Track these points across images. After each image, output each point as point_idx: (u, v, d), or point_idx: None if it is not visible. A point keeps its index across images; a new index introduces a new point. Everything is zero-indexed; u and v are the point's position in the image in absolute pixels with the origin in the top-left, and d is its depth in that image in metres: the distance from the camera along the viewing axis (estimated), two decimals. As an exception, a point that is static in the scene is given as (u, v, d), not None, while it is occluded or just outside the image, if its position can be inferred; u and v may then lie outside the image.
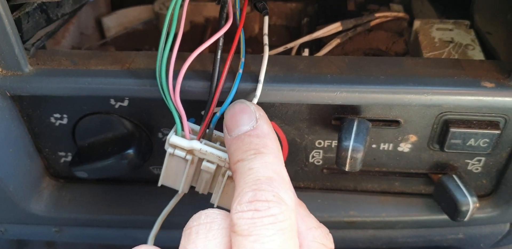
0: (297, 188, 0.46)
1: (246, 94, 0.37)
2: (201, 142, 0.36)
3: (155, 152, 0.44)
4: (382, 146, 0.43)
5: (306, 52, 0.44)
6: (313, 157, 0.44)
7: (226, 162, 0.36)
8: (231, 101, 0.35)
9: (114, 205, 0.47)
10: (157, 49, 0.37)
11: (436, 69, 0.39)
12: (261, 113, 0.34)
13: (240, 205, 0.29)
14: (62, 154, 0.45)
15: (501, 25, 0.46)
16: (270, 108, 0.40)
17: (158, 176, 0.41)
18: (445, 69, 0.39)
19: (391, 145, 0.43)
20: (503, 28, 0.46)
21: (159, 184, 0.39)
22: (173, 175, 0.38)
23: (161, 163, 0.38)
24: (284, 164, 0.33)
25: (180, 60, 0.35)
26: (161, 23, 0.58)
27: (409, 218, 0.47)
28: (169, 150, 0.36)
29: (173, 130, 0.36)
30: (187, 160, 0.36)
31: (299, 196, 0.47)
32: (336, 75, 0.38)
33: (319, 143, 0.43)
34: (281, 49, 0.45)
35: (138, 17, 0.58)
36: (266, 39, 0.39)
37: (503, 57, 0.42)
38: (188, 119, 0.36)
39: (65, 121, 0.42)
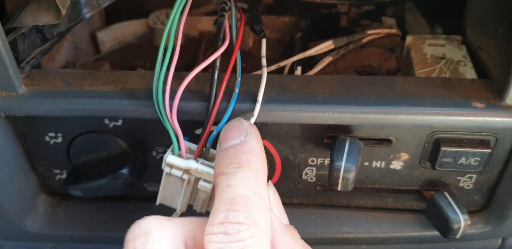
0: (291, 205, 0.47)
1: (242, 114, 0.37)
2: (197, 161, 0.36)
3: (149, 170, 0.44)
4: (374, 163, 0.43)
5: (298, 70, 0.45)
6: (306, 174, 0.45)
7: None
8: (227, 121, 0.35)
9: (109, 222, 0.47)
10: (151, 63, 0.37)
11: (427, 89, 0.40)
12: (252, 130, 0.34)
13: (212, 226, 0.28)
14: (57, 171, 0.45)
15: (492, 39, 0.46)
16: (263, 127, 0.41)
17: (152, 193, 0.41)
18: (436, 89, 0.40)
19: (383, 162, 0.43)
20: (494, 43, 0.46)
21: (157, 203, 0.39)
22: (170, 194, 0.38)
23: (155, 181, 0.39)
24: (265, 182, 0.32)
25: (177, 79, 0.36)
26: (156, 37, 0.58)
27: (402, 234, 0.47)
28: (166, 169, 0.37)
29: (170, 149, 0.37)
30: (183, 179, 0.37)
31: (293, 212, 0.47)
32: (328, 96, 0.38)
33: (312, 161, 0.43)
34: (273, 67, 0.45)
35: (133, 31, 0.58)
36: (264, 61, 0.39)
37: (494, 73, 0.43)
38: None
39: (59, 140, 0.42)
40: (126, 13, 0.61)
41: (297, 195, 0.47)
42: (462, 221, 0.42)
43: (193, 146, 0.37)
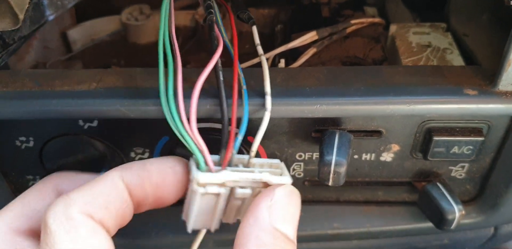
0: (279, 202, 0.45)
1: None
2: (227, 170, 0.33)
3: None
4: (364, 156, 0.42)
5: (282, 63, 0.43)
6: (293, 169, 0.43)
7: (259, 182, 0.33)
8: (248, 120, 0.34)
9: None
10: (126, 61, 0.35)
11: (416, 78, 0.38)
12: None
13: None
14: (30, 177, 0.42)
15: (477, 26, 0.46)
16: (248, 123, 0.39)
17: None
18: (426, 77, 0.38)
19: (373, 155, 0.42)
20: (479, 30, 0.45)
21: (190, 230, 0.34)
22: (204, 214, 0.33)
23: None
24: None
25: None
26: (129, 33, 0.56)
27: (393, 227, 0.46)
28: (200, 190, 0.32)
29: (193, 167, 0.32)
30: (218, 195, 0.32)
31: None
32: (315, 88, 0.37)
33: (300, 156, 0.42)
34: (256, 60, 0.43)
35: (105, 29, 0.55)
36: (260, 50, 0.37)
37: (482, 60, 0.42)
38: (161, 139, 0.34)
39: (31, 144, 0.39)
40: (97, 10, 0.58)
41: (286, 192, 0.45)
42: (456, 212, 0.41)
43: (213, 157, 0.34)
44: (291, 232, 0.30)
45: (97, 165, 0.39)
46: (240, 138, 0.33)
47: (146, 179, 0.31)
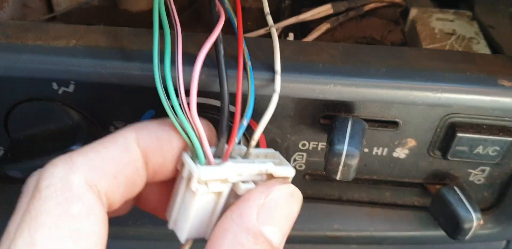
0: (274, 196, 0.40)
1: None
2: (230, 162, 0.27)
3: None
4: (375, 150, 0.37)
5: (291, 37, 0.38)
6: (295, 160, 0.38)
7: (263, 174, 0.28)
8: (254, 102, 0.28)
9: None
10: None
11: (444, 63, 0.34)
12: None
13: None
14: (-8, 147, 0.37)
15: (503, 19, 0.42)
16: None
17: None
18: (455, 63, 0.34)
19: (385, 149, 0.37)
20: (506, 22, 0.41)
21: (183, 240, 0.28)
22: (201, 219, 0.28)
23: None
24: None
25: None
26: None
27: (399, 233, 0.41)
28: (201, 189, 0.26)
29: (187, 158, 0.27)
30: (221, 193, 0.27)
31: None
32: (330, 65, 0.32)
33: (303, 145, 0.37)
34: (262, 31, 0.38)
35: (94, -9, 0.50)
36: (270, 20, 0.32)
37: (510, 53, 0.38)
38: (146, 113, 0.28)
39: (-5, 108, 0.34)
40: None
41: (282, 185, 0.40)
42: (474, 220, 0.36)
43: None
44: (277, 240, 0.25)
45: (70, 137, 0.34)
46: (245, 123, 0.28)
47: (165, 142, 0.26)
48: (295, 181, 0.39)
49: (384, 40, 0.41)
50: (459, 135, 0.34)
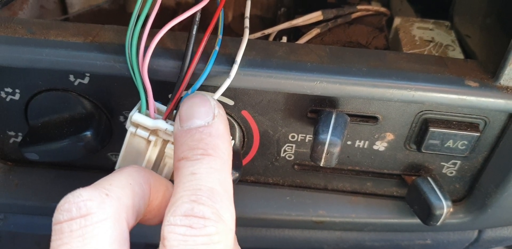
0: (265, 184, 0.44)
1: (219, 77, 0.34)
2: (167, 122, 0.33)
3: (114, 137, 0.40)
4: (357, 143, 0.41)
5: (284, 40, 0.42)
6: (285, 151, 0.42)
7: None
8: (204, 81, 0.33)
9: (67, 192, 0.42)
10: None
11: (419, 65, 0.37)
12: (220, 111, 0.31)
13: (174, 217, 0.26)
14: (12, 133, 0.41)
15: (480, 28, 0.45)
16: (244, 96, 0.38)
17: (116, 163, 0.37)
18: (429, 65, 0.38)
19: (366, 142, 0.41)
20: (482, 32, 0.45)
21: (116, 167, 0.35)
22: (133, 157, 0.34)
23: (120, 150, 0.35)
24: (230, 173, 0.29)
25: (152, 37, 0.32)
26: (129, 3, 0.54)
27: (379, 221, 0.45)
28: (131, 129, 0.33)
29: (136, 107, 0.33)
30: (150, 141, 0.33)
31: (267, 193, 0.44)
32: (317, 64, 0.36)
33: (293, 136, 0.41)
34: (258, 34, 0.42)
35: (105, -4, 0.54)
36: (247, 22, 0.36)
37: (482, 60, 0.41)
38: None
39: (17, 97, 0.38)
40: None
41: (273, 174, 0.44)
42: (444, 207, 0.40)
43: (162, 107, 0.34)
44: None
45: (83, 124, 0.37)
46: (189, 92, 0.33)
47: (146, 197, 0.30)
48: (285, 171, 0.43)
49: (368, 45, 0.45)
50: (432, 129, 0.38)
